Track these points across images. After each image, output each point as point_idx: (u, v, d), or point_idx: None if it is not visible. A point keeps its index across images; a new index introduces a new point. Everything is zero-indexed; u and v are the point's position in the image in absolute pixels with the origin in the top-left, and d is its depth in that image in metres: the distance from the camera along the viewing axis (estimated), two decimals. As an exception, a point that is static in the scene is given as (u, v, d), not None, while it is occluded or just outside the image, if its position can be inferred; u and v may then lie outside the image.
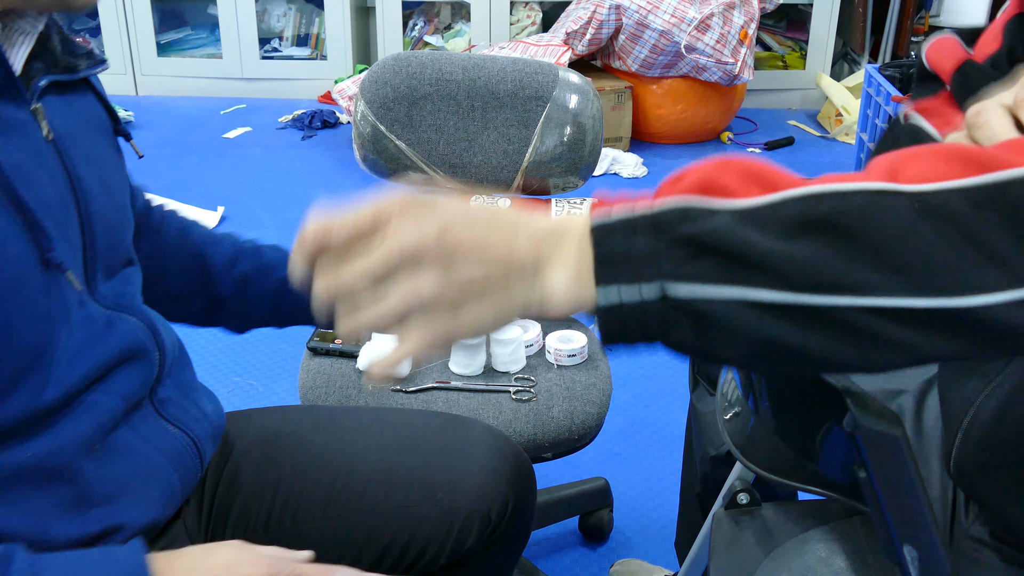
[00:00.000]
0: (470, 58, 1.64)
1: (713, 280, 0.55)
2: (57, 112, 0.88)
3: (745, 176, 0.59)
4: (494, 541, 1.12)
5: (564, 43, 3.62)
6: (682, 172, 0.60)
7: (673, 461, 2.03)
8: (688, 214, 0.57)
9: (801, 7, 4.21)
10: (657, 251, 0.56)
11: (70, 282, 0.82)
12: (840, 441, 0.73)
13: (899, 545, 0.74)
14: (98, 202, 0.89)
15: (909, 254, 0.54)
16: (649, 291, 0.56)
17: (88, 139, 0.92)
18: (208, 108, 4.17)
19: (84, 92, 0.95)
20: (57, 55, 0.89)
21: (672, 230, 0.56)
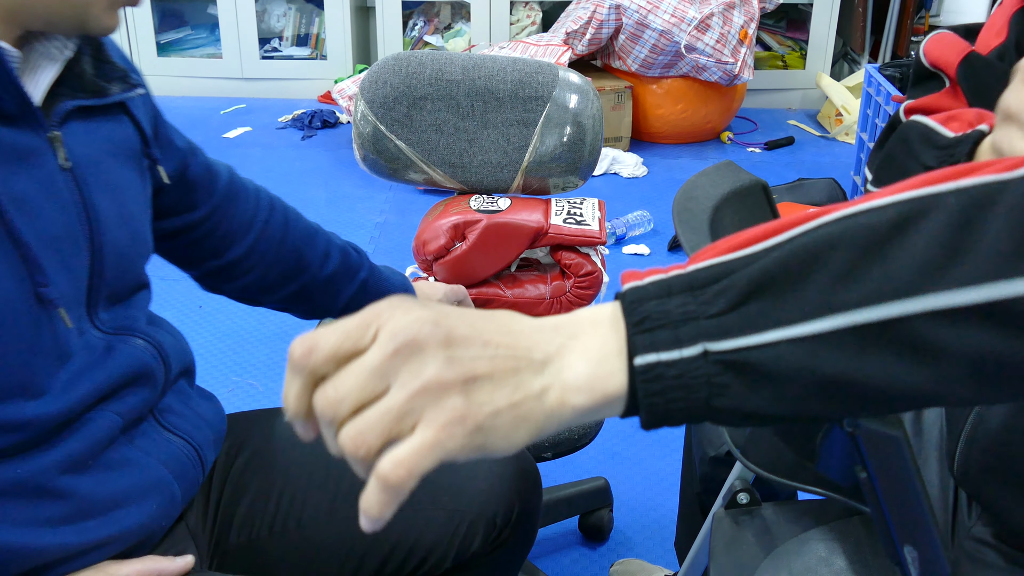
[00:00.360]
0: (470, 58, 1.64)
1: (756, 327, 0.51)
2: (80, 138, 0.86)
3: (778, 226, 0.55)
4: (499, 545, 1.11)
5: (564, 43, 3.62)
6: (719, 241, 0.56)
7: (673, 461, 2.03)
8: (725, 268, 0.53)
9: (801, 7, 4.21)
10: (695, 310, 0.52)
11: (62, 318, 0.81)
12: (840, 441, 0.73)
13: (899, 545, 0.74)
14: (113, 232, 0.88)
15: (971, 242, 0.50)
16: (690, 353, 0.51)
17: (112, 166, 0.90)
18: (208, 108, 4.17)
19: (116, 116, 0.92)
20: (86, 79, 0.87)
21: (708, 287, 0.52)
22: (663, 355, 0.52)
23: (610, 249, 2.94)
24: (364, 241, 2.95)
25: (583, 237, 1.56)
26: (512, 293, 1.62)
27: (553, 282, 1.62)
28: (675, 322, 0.52)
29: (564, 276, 1.62)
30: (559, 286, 1.61)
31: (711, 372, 0.51)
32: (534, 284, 1.63)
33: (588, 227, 1.57)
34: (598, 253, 1.61)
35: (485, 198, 1.62)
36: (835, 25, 4.12)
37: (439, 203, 1.67)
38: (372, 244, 2.94)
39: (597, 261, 1.60)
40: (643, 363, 0.52)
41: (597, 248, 1.61)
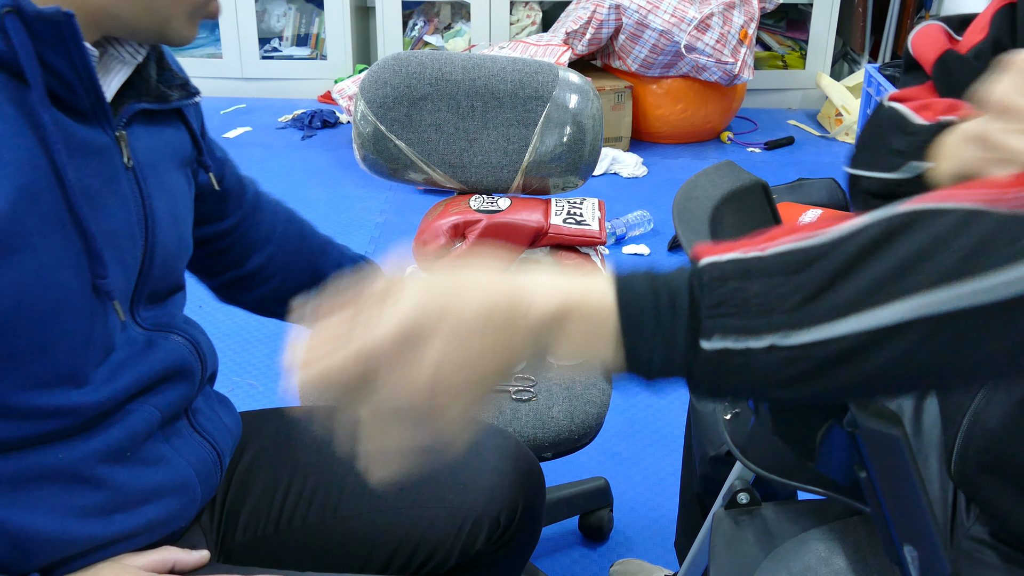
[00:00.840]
0: (470, 58, 1.64)
1: (825, 320, 0.53)
2: (141, 140, 0.88)
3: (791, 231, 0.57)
4: (503, 544, 1.12)
5: (564, 43, 3.62)
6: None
7: (673, 461, 2.03)
8: (806, 255, 0.55)
9: (801, 7, 4.21)
10: (771, 302, 0.55)
11: (115, 310, 0.83)
12: (840, 441, 0.73)
13: (899, 545, 0.74)
14: (164, 232, 0.90)
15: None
16: (757, 345, 0.54)
17: (168, 169, 0.93)
18: (208, 108, 4.16)
19: (174, 122, 0.95)
20: (151, 83, 0.90)
21: (788, 274, 0.55)
22: (734, 344, 0.54)
23: (610, 249, 2.94)
24: (364, 241, 2.95)
25: (583, 237, 1.56)
26: (512, 293, 1.62)
27: (553, 282, 1.62)
28: (752, 311, 0.54)
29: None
30: (559, 286, 1.61)
31: (773, 366, 0.54)
32: (534, 284, 1.62)
33: (588, 227, 1.57)
34: (598, 253, 1.61)
35: (485, 198, 1.62)
36: (835, 25, 4.12)
37: (439, 203, 1.67)
38: (372, 244, 2.94)
39: (597, 261, 1.60)
40: (713, 348, 0.54)
41: (597, 248, 1.61)
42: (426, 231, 1.59)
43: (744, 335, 0.54)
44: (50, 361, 0.78)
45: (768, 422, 0.87)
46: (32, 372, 0.77)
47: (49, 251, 0.75)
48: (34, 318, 0.75)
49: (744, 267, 0.55)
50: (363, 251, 1.32)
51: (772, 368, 0.54)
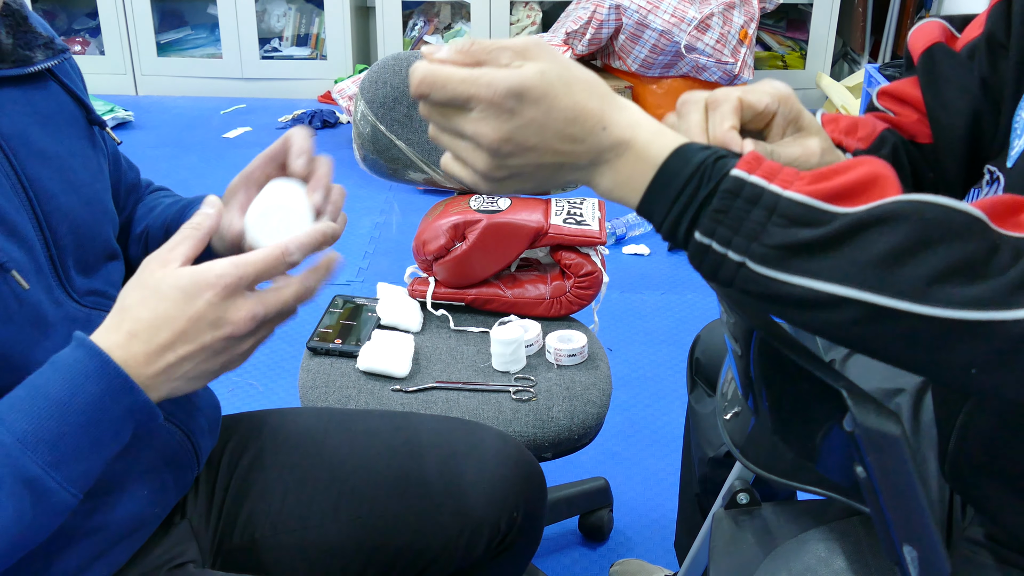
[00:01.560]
0: (470, 58, 1.64)
1: (790, 271, 0.64)
2: (4, 111, 0.85)
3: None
4: (504, 549, 1.11)
5: (564, 43, 3.62)
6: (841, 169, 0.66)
7: (673, 461, 2.03)
8: (806, 214, 0.64)
9: (801, 7, 4.20)
10: (759, 232, 0.64)
11: (16, 281, 0.80)
12: (839, 441, 0.73)
13: (899, 545, 0.74)
14: (59, 199, 0.87)
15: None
16: (734, 257, 0.65)
17: (48, 135, 0.89)
18: (208, 108, 4.17)
19: (45, 83, 0.91)
20: (5, 49, 0.86)
21: (783, 220, 0.64)
22: (715, 244, 0.66)
23: (610, 249, 2.94)
24: (364, 241, 2.95)
25: (583, 237, 1.56)
26: (512, 293, 1.62)
27: (553, 282, 1.62)
28: (741, 230, 0.65)
29: (564, 276, 1.62)
30: (559, 286, 1.61)
31: (742, 276, 0.66)
32: (534, 284, 1.62)
33: (588, 227, 1.57)
34: (598, 253, 1.61)
35: (485, 198, 1.62)
36: (835, 25, 4.12)
37: (439, 203, 1.67)
38: (372, 244, 2.94)
39: (597, 261, 1.60)
40: (698, 241, 0.66)
41: (597, 248, 1.61)
42: (426, 231, 1.59)
43: (726, 245, 0.65)
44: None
45: (768, 422, 0.87)
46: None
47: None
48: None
49: (758, 194, 0.65)
50: (363, 251, 1.31)
51: (738, 278, 0.66)
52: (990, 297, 0.61)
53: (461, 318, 1.63)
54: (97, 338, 0.73)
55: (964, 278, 0.61)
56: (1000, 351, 0.61)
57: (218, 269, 0.74)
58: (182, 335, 0.73)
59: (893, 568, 0.78)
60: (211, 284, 0.73)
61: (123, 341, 0.73)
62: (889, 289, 0.62)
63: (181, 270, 0.74)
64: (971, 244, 0.62)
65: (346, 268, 2.81)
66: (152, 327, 0.73)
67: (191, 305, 0.73)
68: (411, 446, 1.11)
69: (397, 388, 1.44)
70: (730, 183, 0.65)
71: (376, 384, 1.45)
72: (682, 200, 0.67)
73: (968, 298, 0.61)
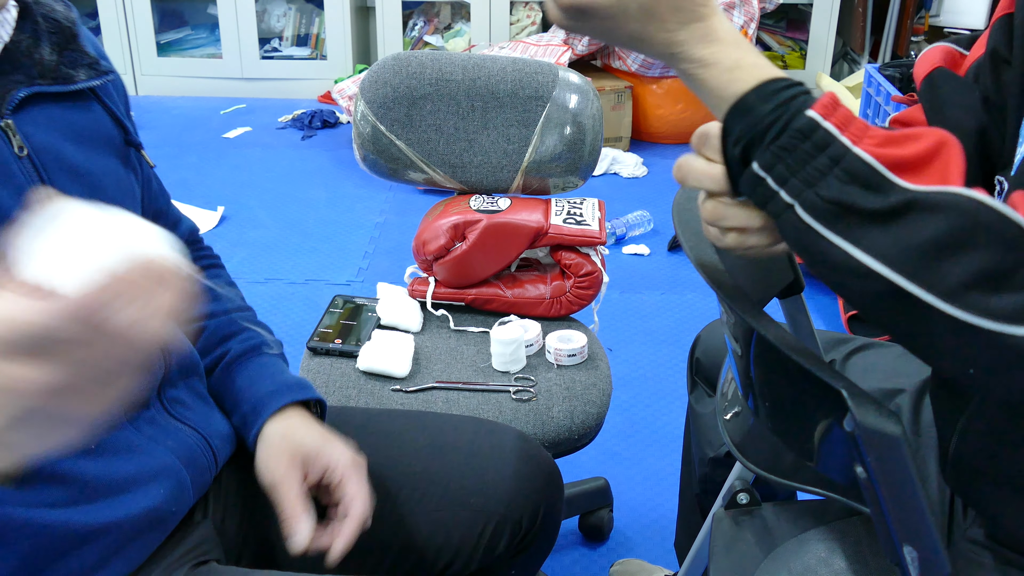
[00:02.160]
0: (470, 58, 1.64)
1: (835, 228, 0.65)
2: (40, 126, 0.86)
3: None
4: (524, 547, 1.12)
5: (564, 43, 3.62)
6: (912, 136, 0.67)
7: (673, 461, 2.03)
8: (870, 177, 0.64)
9: (801, 7, 4.20)
10: (817, 179, 0.65)
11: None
12: (839, 441, 0.73)
13: (899, 545, 0.74)
14: None
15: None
16: (784, 198, 0.66)
17: (80, 152, 0.90)
18: (208, 108, 4.17)
19: (87, 102, 0.93)
20: (47, 65, 0.87)
21: (847, 174, 0.64)
22: (769, 180, 0.66)
23: (610, 249, 2.94)
24: (364, 241, 2.95)
25: (583, 237, 1.56)
26: (512, 293, 1.62)
27: (553, 282, 1.62)
28: (799, 174, 0.65)
29: (564, 276, 1.62)
30: (559, 286, 1.61)
31: (786, 218, 0.66)
32: (534, 284, 1.62)
33: (588, 227, 1.57)
34: (598, 253, 1.61)
35: (485, 198, 1.62)
36: (835, 25, 4.12)
37: (439, 203, 1.67)
38: (372, 244, 2.94)
39: (597, 261, 1.60)
40: (754, 172, 0.67)
41: (597, 248, 1.61)
42: (426, 231, 1.59)
43: (781, 184, 0.66)
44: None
45: (768, 422, 0.87)
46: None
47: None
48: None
49: (826, 142, 0.65)
50: (363, 251, 1.31)
51: (782, 217, 0.67)
52: (1013, 311, 0.61)
53: (461, 318, 1.63)
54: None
55: (996, 286, 0.62)
56: (1003, 360, 0.63)
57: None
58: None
59: (893, 568, 0.78)
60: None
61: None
62: (922, 278, 0.62)
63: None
64: (1011, 255, 0.62)
65: (346, 268, 2.81)
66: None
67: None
68: (434, 446, 1.12)
69: (397, 388, 1.44)
70: (803, 123, 0.65)
71: (376, 384, 1.45)
72: (754, 126, 0.68)
73: (994, 308, 0.62)
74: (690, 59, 0.72)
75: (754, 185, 0.68)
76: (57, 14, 0.91)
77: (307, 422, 1.02)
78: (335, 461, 0.98)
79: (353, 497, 0.96)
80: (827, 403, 0.71)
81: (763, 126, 0.67)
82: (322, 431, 1.01)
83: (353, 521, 0.95)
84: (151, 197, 1.06)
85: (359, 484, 0.97)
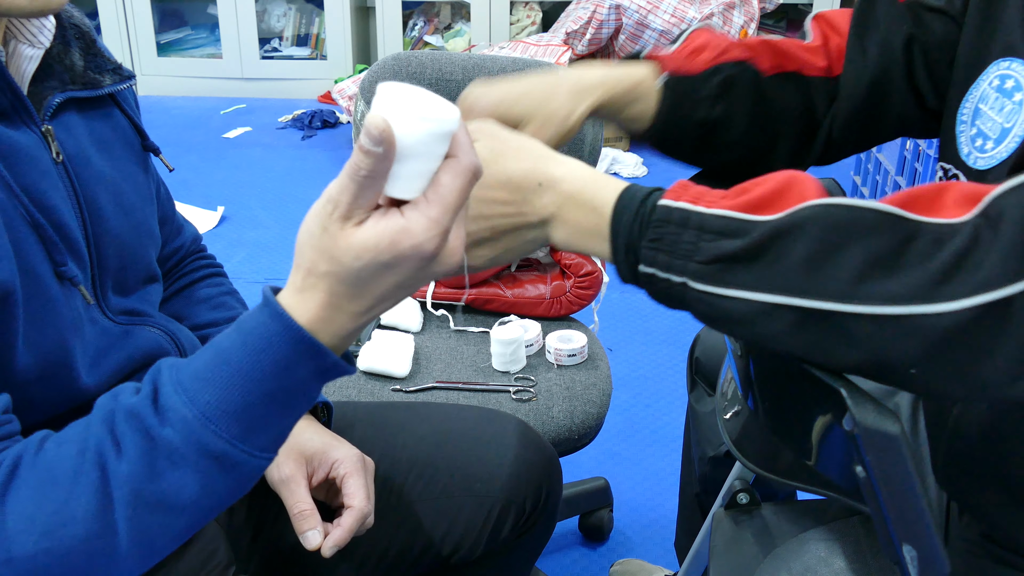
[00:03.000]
0: (470, 58, 1.64)
1: (726, 284, 0.67)
2: (72, 132, 0.87)
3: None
4: (526, 530, 1.14)
5: (564, 43, 3.62)
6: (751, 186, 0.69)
7: (673, 461, 2.03)
8: (729, 226, 0.67)
9: (801, 7, 4.21)
10: (693, 251, 0.68)
11: (82, 296, 0.83)
12: (839, 441, 0.73)
13: (898, 544, 0.74)
14: (110, 223, 0.89)
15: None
16: (676, 280, 0.69)
17: (104, 158, 0.91)
18: (208, 108, 4.17)
19: (108, 108, 0.94)
20: (76, 71, 0.88)
21: (712, 235, 0.67)
22: (657, 272, 0.69)
23: (610, 249, 2.94)
24: (364, 241, 2.95)
25: (583, 237, 1.56)
26: (512, 293, 1.62)
27: (553, 282, 1.62)
28: (675, 254, 0.68)
29: (564, 276, 1.62)
30: (559, 286, 1.61)
31: (688, 298, 0.69)
32: (534, 284, 1.62)
33: (588, 227, 1.57)
34: (598, 253, 1.61)
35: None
36: (835, 25, 4.13)
37: (439, 203, 1.67)
38: (372, 244, 2.94)
39: (597, 261, 1.60)
40: (644, 271, 0.70)
41: (597, 248, 1.61)
42: (426, 231, 1.59)
43: (667, 270, 0.69)
44: (42, 337, 0.78)
45: (767, 422, 0.87)
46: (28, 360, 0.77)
47: (16, 241, 0.76)
48: (23, 302, 0.76)
49: (686, 217, 0.68)
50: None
51: (684, 299, 0.69)
52: (911, 292, 0.61)
53: (461, 318, 1.63)
54: (285, 298, 0.65)
55: (884, 272, 0.62)
56: (931, 347, 0.62)
57: (418, 232, 0.61)
58: (384, 298, 0.65)
59: (893, 568, 0.78)
60: (411, 255, 0.62)
61: (318, 312, 0.64)
62: (815, 292, 0.63)
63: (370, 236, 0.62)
64: (884, 238, 0.62)
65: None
66: (352, 296, 0.64)
67: (397, 274, 0.63)
68: (436, 435, 1.13)
69: (397, 388, 1.44)
70: (660, 213, 0.69)
71: (376, 384, 1.45)
72: (626, 241, 0.71)
73: (891, 293, 0.61)
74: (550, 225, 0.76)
75: (650, 283, 0.70)
76: (76, 19, 0.92)
77: (313, 424, 1.03)
78: (340, 461, 0.98)
79: (354, 495, 0.96)
80: (826, 402, 0.71)
81: (634, 233, 0.71)
82: (328, 433, 1.02)
83: (350, 516, 0.95)
84: (159, 203, 1.07)
85: (361, 482, 0.97)
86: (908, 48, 0.94)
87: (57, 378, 0.80)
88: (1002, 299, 0.59)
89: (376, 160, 0.59)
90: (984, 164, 0.84)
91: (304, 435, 1.00)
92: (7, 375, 0.77)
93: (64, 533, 0.65)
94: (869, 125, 0.98)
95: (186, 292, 1.11)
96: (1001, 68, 0.84)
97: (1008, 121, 0.82)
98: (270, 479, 0.98)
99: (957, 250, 0.61)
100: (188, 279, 1.12)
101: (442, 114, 0.61)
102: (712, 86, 0.93)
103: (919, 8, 0.94)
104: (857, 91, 0.96)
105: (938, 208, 0.63)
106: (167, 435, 0.65)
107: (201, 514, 0.69)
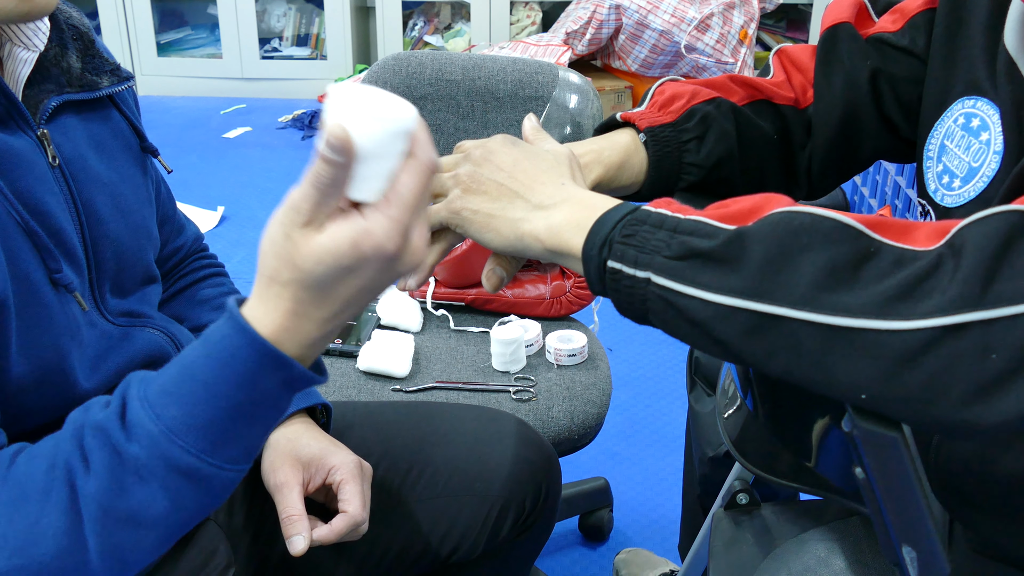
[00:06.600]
0: (470, 58, 1.64)
1: (687, 281, 0.67)
2: (69, 135, 0.87)
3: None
4: (526, 529, 1.14)
5: (564, 43, 3.62)
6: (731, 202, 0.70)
7: (673, 461, 2.04)
8: (700, 228, 0.68)
9: (801, 7, 4.20)
10: (661, 247, 0.69)
11: (78, 302, 0.83)
12: (838, 441, 0.73)
13: (898, 546, 0.74)
14: (108, 225, 0.89)
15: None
16: (641, 275, 0.69)
17: (102, 161, 0.91)
18: (208, 108, 4.17)
19: (107, 109, 0.93)
20: (74, 73, 0.88)
21: (681, 235, 0.68)
22: (624, 267, 0.70)
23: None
24: (364, 241, 2.95)
25: (583, 237, 1.56)
26: (512, 293, 1.62)
27: (553, 282, 1.62)
28: (645, 248, 0.69)
29: (564, 276, 1.62)
30: (559, 286, 1.61)
31: (648, 295, 0.69)
32: (534, 284, 1.63)
33: (588, 227, 1.57)
34: (598, 253, 1.61)
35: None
36: (835, 25, 4.12)
37: (439, 203, 1.67)
38: (372, 244, 2.94)
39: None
40: (612, 267, 0.70)
41: (597, 248, 1.61)
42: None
43: (633, 265, 0.69)
44: (38, 344, 0.78)
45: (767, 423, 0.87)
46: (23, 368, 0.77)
47: (9, 248, 0.76)
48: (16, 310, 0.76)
49: (661, 220, 0.69)
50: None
51: (647, 297, 0.69)
52: (865, 305, 0.60)
53: (461, 318, 1.64)
54: (248, 309, 0.66)
55: (840, 283, 0.61)
56: (882, 370, 0.60)
57: (379, 232, 0.62)
58: (349, 303, 0.65)
59: (893, 568, 0.78)
60: (374, 256, 0.63)
61: (282, 321, 0.65)
62: (769, 296, 0.63)
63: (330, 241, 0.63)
64: (842, 248, 0.62)
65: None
66: (317, 303, 0.64)
67: (360, 277, 0.63)
68: (436, 435, 1.13)
69: (397, 388, 1.44)
70: (639, 215, 0.71)
71: (376, 384, 1.45)
72: (604, 239, 0.72)
73: (844, 304, 0.61)
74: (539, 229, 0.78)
75: (615, 280, 0.70)
76: (74, 20, 0.92)
77: (311, 429, 1.02)
78: (337, 467, 0.98)
79: (349, 501, 0.96)
80: (825, 404, 0.71)
81: (615, 232, 0.72)
82: (326, 438, 1.02)
83: (342, 521, 0.95)
84: (160, 202, 1.06)
85: (357, 489, 0.97)
86: (874, 81, 0.96)
87: (54, 384, 0.80)
88: (957, 324, 0.58)
89: (337, 168, 0.60)
90: (952, 202, 0.85)
91: (301, 440, 1.00)
92: (0, 383, 0.77)
93: (35, 551, 0.65)
94: (847, 155, 1.00)
95: (187, 293, 1.12)
96: (966, 106, 0.84)
97: (976, 160, 0.82)
98: (267, 483, 0.98)
99: (917, 272, 0.60)
100: (189, 279, 1.12)
101: (398, 113, 0.61)
102: (692, 127, 0.95)
103: (883, 45, 0.96)
104: (829, 125, 0.98)
105: (909, 238, 0.63)
106: (134, 451, 0.66)
107: (174, 528, 0.69)
